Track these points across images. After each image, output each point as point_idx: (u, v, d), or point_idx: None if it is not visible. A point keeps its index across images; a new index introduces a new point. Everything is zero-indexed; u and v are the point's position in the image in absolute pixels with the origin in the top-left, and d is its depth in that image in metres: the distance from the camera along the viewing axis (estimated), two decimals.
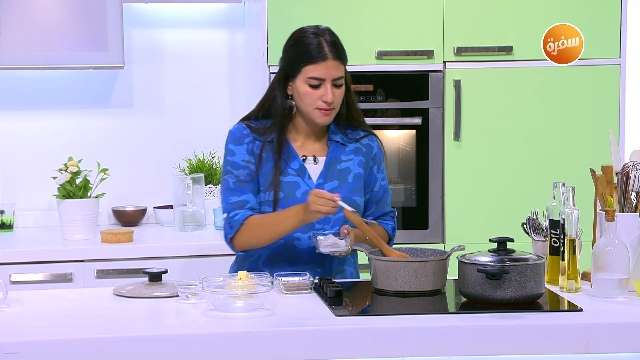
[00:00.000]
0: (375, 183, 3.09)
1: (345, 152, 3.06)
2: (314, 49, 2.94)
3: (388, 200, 3.14)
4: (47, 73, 4.25)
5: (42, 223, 4.28)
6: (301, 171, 3.02)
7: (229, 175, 3.01)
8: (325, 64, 2.94)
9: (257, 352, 2.38)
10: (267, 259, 3.03)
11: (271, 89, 3.04)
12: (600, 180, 2.83)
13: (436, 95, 4.04)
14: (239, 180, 3.00)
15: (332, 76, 2.94)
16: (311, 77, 2.94)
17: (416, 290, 2.70)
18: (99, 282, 3.81)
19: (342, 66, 2.97)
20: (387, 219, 3.13)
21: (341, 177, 3.03)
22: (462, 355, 2.44)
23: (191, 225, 4.16)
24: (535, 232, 2.96)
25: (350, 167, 3.05)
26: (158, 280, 2.82)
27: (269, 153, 3.01)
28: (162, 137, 4.40)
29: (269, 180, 3.00)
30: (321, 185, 3.01)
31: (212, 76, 4.42)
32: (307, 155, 3.04)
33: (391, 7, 3.99)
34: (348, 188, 3.02)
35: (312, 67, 2.94)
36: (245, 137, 3.02)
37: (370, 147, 3.09)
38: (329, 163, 3.04)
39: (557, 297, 2.73)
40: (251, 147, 3.02)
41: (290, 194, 2.99)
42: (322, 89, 2.95)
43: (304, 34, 2.98)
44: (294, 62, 2.97)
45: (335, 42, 2.97)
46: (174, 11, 4.38)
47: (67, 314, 2.61)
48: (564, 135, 4.09)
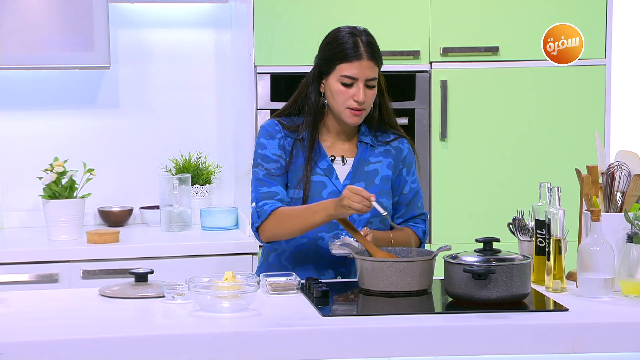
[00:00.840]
0: (404, 185, 3.09)
1: (375, 154, 3.06)
2: (349, 48, 2.94)
3: (419, 203, 3.12)
4: (32, 73, 4.24)
5: (27, 223, 4.26)
6: (329, 171, 3.02)
7: (260, 167, 3.02)
8: (359, 63, 2.94)
9: (243, 353, 2.38)
10: (290, 255, 3.04)
11: (304, 86, 3.05)
12: (585, 181, 2.83)
13: (423, 96, 4.04)
14: (269, 173, 3.01)
15: (365, 76, 2.94)
16: (345, 75, 2.95)
17: (403, 290, 2.70)
18: (85, 282, 3.80)
19: (376, 67, 2.97)
20: (417, 222, 3.11)
21: (368, 179, 3.03)
22: (448, 355, 2.44)
23: (178, 225, 4.15)
24: (521, 232, 2.97)
25: (378, 169, 3.05)
26: (144, 280, 2.81)
27: (299, 150, 3.02)
28: (148, 138, 4.39)
29: (297, 177, 3.01)
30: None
31: (199, 76, 4.42)
32: (336, 155, 3.05)
33: (378, 8, 3.99)
34: (375, 190, 3.01)
35: (346, 66, 2.94)
36: (278, 133, 3.03)
37: (400, 150, 3.08)
38: (357, 164, 3.04)
39: (542, 297, 2.73)
40: (283, 143, 3.03)
41: (317, 193, 3.00)
42: (354, 88, 2.95)
43: (341, 32, 2.99)
44: (328, 60, 2.98)
45: (371, 43, 2.97)
46: (161, 11, 4.37)
47: (53, 314, 2.60)
48: (549, 135, 4.10)
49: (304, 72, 3.88)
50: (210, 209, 4.23)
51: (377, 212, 2.93)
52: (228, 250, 3.91)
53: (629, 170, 2.80)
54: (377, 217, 3.00)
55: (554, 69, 4.05)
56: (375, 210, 2.89)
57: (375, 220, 3.02)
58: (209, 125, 4.43)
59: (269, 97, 3.96)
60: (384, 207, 2.98)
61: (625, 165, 2.80)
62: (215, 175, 4.40)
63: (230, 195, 4.45)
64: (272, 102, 3.96)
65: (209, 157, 4.41)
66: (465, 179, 4.07)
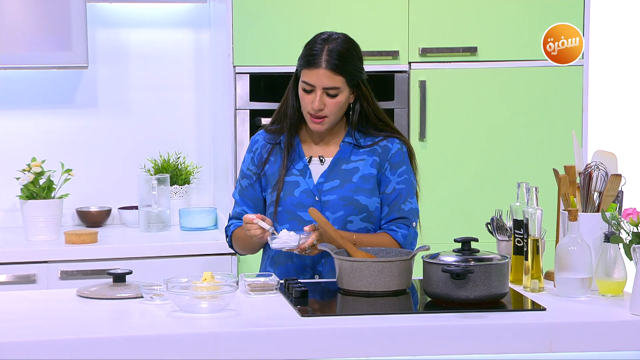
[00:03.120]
0: (387, 185, 3.05)
1: (358, 152, 3.04)
2: (311, 55, 2.94)
3: (404, 206, 3.04)
4: (9, 73, 4.22)
5: (5, 224, 4.24)
6: (304, 171, 3.03)
7: (238, 183, 3.14)
8: (317, 71, 2.93)
9: (222, 353, 2.38)
10: (271, 259, 3.07)
11: (287, 89, 3.06)
12: (563, 181, 2.85)
13: (401, 96, 4.05)
14: (242, 189, 3.10)
15: (322, 84, 2.94)
16: (304, 81, 2.96)
17: (381, 290, 2.71)
18: (62, 283, 3.78)
19: (337, 77, 2.94)
20: (400, 226, 3.04)
21: (345, 177, 3.02)
22: (427, 355, 2.45)
23: (156, 226, 4.14)
24: (499, 232, 2.98)
25: (359, 167, 3.03)
26: (122, 281, 2.80)
27: (277, 154, 3.04)
28: (126, 138, 4.38)
29: (274, 180, 3.02)
30: (321, 184, 3.01)
31: (178, 76, 4.41)
32: (314, 156, 3.05)
33: (356, 8, 4.00)
34: (350, 187, 3.01)
35: (305, 72, 2.95)
36: (255, 145, 3.10)
37: (387, 149, 3.05)
38: (334, 163, 3.04)
39: (520, 296, 2.74)
40: (258, 154, 3.07)
41: (289, 193, 3.01)
42: (312, 95, 2.95)
43: (314, 39, 2.99)
44: (298, 64, 3.00)
45: (339, 52, 2.94)
46: (139, 11, 4.36)
47: (31, 315, 2.59)
48: (527, 135, 4.12)
49: (283, 72, 3.90)
50: (189, 210, 4.22)
51: (354, 210, 2.94)
52: (207, 250, 3.90)
53: (606, 171, 2.81)
54: (357, 215, 3.00)
55: (531, 69, 4.07)
56: (350, 208, 2.91)
57: (355, 218, 3.01)
58: (187, 125, 4.42)
59: (248, 97, 3.96)
60: (362, 205, 2.98)
61: (602, 165, 2.82)
62: (194, 176, 4.39)
63: (209, 195, 4.44)
64: (251, 102, 3.95)
65: (187, 157, 4.40)
66: (443, 179, 4.08)
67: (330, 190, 3.00)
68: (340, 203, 2.99)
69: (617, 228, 2.67)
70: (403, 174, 3.06)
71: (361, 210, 3.00)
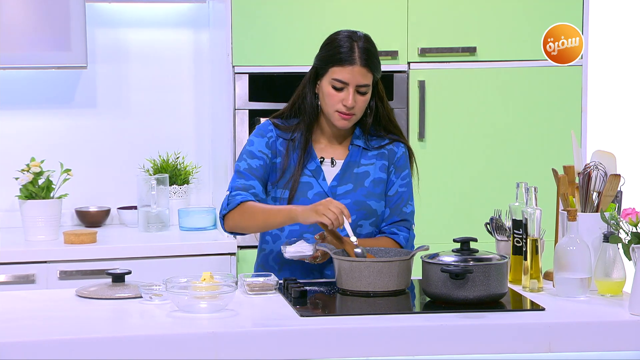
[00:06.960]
0: (391, 187, 3.05)
1: (368, 156, 3.04)
2: (344, 52, 2.93)
3: (405, 209, 3.06)
4: (8, 73, 4.22)
5: (4, 224, 4.24)
6: (317, 172, 3.01)
7: (243, 161, 3.00)
8: (352, 68, 2.92)
9: (221, 353, 2.38)
10: (277, 256, 3.03)
11: (302, 87, 3.04)
12: (562, 181, 2.85)
13: (400, 96, 4.05)
14: (250, 167, 2.99)
15: (356, 82, 2.93)
16: (335, 78, 2.94)
17: (380, 290, 2.71)
18: (62, 283, 3.78)
19: (369, 75, 2.95)
20: (401, 229, 3.05)
21: (357, 181, 3.01)
22: (426, 355, 2.45)
23: (155, 225, 4.14)
24: (498, 232, 2.98)
25: (369, 170, 3.03)
26: (121, 281, 2.80)
27: (291, 151, 3.01)
28: (126, 138, 4.38)
29: (285, 178, 3.00)
30: (334, 188, 2.99)
31: (177, 76, 4.41)
32: (327, 157, 3.04)
33: (356, 8, 4.00)
34: (363, 192, 3.00)
35: (338, 69, 2.93)
36: (269, 132, 3.03)
37: (393, 152, 3.05)
38: (346, 166, 3.02)
39: (519, 296, 2.75)
40: (272, 142, 3.02)
41: (302, 194, 2.99)
42: (344, 93, 2.94)
43: (339, 35, 2.97)
44: (323, 62, 2.97)
45: (368, 49, 2.95)
46: (138, 11, 4.36)
47: (30, 315, 2.59)
48: (527, 135, 4.12)
49: (282, 72, 3.91)
50: (188, 210, 4.22)
51: (365, 215, 2.93)
52: (206, 250, 3.90)
53: (605, 171, 2.81)
54: (367, 219, 3.00)
55: (531, 69, 4.07)
56: (363, 212, 2.90)
57: (365, 223, 3.01)
58: (187, 125, 4.42)
59: (247, 97, 3.96)
60: (372, 209, 2.98)
61: (601, 165, 2.82)
62: (193, 176, 4.39)
63: (209, 195, 4.44)
64: (250, 102, 3.95)
65: (187, 157, 4.40)
66: (443, 179, 4.08)
67: (344, 195, 2.98)
68: (353, 207, 2.98)
69: (616, 228, 2.67)
70: (406, 177, 3.08)
71: (371, 214, 3.01)
